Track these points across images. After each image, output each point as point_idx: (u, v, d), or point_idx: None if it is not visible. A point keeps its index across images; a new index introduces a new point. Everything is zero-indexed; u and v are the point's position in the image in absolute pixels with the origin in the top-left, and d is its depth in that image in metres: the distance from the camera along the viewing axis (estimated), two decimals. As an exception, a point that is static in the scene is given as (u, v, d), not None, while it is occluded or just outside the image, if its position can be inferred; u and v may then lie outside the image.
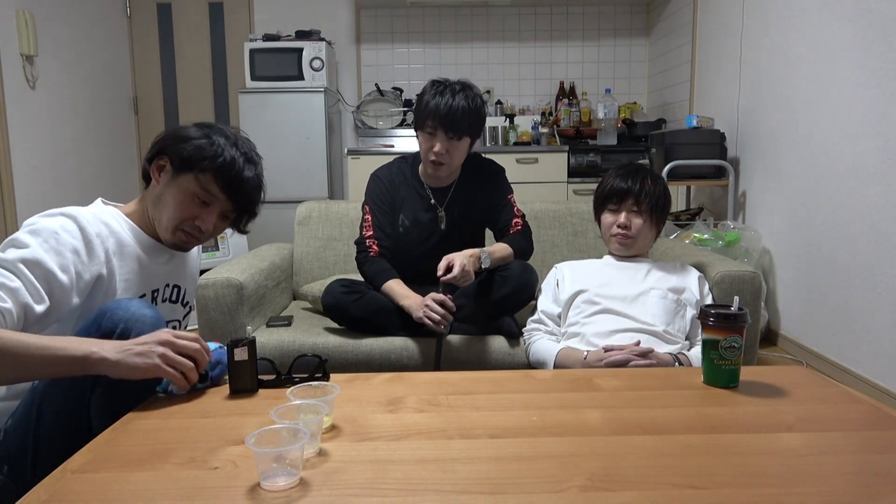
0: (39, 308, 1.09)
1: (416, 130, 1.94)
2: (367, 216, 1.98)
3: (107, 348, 1.02)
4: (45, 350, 1.01)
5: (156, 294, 1.37)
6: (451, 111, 1.82)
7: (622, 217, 1.75)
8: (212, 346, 1.16)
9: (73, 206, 1.23)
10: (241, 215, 1.38)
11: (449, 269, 1.72)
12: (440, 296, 1.74)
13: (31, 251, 1.11)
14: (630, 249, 1.78)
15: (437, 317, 1.72)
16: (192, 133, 1.31)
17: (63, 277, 1.13)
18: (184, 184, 1.28)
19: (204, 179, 1.28)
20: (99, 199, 1.35)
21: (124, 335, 1.09)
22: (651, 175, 1.79)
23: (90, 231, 1.20)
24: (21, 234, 1.14)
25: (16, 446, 1.09)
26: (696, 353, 1.58)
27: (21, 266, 1.09)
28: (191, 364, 1.07)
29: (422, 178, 2.02)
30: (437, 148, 1.86)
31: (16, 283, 1.07)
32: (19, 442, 1.09)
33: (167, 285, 1.40)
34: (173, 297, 1.43)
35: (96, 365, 1.02)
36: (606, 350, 1.53)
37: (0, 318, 1.04)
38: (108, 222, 1.27)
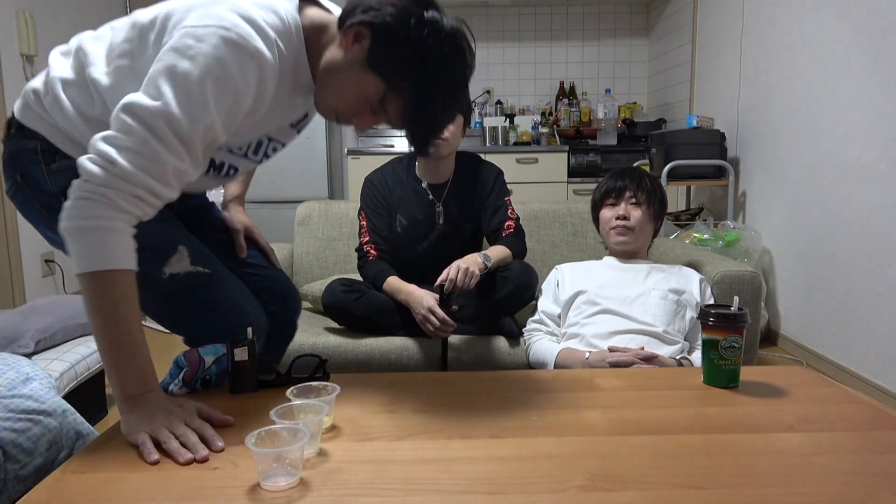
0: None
1: None
2: (362, 222, 1.99)
3: (135, 409, 0.95)
4: (111, 351, 0.96)
5: (283, 125, 1.24)
6: None
7: (621, 208, 1.77)
8: (212, 346, 1.16)
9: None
10: (413, 142, 1.13)
11: (451, 280, 1.74)
12: (441, 313, 1.74)
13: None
14: (630, 243, 1.78)
15: (432, 328, 1.75)
16: (414, 39, 1.01)
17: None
18: (368, 85, 1.04)
19: (390, 99, 1.04)
20: None
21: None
22: (645, 173, 1.84)
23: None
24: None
25: None
26: (697, 358, 1.58)
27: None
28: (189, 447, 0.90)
29: (418, 174, 2.03)
30: None
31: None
32: None
33: (305, 115, 1.28)
34: (296, 123, 1.29)
35: (118, 403, 0.97)
36: (611, 350, 1.53)
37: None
38: (284, 60, 1.07)
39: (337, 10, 1.13)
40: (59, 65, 1.13)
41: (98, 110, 1.09)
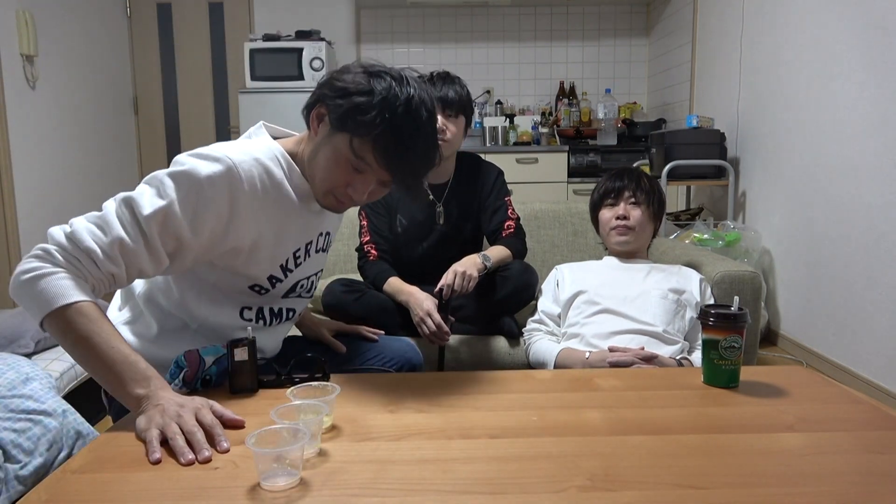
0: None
1: None
2: (363, 222, 1.99)
3: (148, 407, 0.96)
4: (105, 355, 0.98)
5: (309, 246, 1.29)
6: (444, 92, 1.87)
7: (621, 208, 1.78)
8: (212, 346, 1.16)
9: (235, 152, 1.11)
10: (402, 186, 1.18)
11: (449, 287, 1.73)
12: (439, 318, 1.73)
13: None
14: (630, 243, 1.78)
15: (428, 331, 1.73)
16: (353, 83, 1.11)
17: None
18: (339, 144, 1.11)
19: (358, 145, 1.10)
20: (262, 124, 1.24)
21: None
22: (643, 173, 1.85)
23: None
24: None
25: None
26: (697, 358, 1.58)
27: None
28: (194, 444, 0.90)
29: None
30: (438, 123, 1.87)
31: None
32: None
33: (320, 234, 1.32)
34: (324, 246, 1.35)
35: (132, 409, 0.99)
36: (611, 350, 1.53)
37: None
38: (272, 172, 1.16)
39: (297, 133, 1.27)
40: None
41: (149, 325, 1.24)
